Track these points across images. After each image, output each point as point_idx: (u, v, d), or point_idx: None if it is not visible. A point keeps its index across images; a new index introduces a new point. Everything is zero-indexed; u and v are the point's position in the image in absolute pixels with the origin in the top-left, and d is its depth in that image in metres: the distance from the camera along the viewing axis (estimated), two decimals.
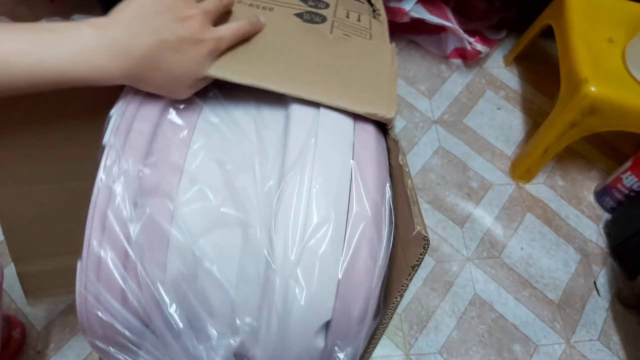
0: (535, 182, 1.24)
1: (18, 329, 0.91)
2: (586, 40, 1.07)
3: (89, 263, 0.37)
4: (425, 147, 1.25)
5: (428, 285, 1.07)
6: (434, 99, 1.34)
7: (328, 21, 0.54)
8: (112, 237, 0.37)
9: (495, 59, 1.44)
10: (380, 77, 0.47)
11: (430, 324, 1.02)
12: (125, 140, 0.39)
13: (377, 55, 0.49)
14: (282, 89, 0.42)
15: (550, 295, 1.09)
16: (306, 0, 0.56)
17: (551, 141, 1.11)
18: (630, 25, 1.10)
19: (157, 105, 0.42)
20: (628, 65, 1.04)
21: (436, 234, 1.13)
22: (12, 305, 0.95)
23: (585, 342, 1.05)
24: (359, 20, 0.57)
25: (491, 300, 1.07)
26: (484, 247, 1.13)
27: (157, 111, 0.41)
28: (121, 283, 0.37)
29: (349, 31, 0.53)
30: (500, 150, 1.28)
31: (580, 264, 1.14)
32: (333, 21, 0.54)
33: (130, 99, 0.42)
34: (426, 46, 1.42)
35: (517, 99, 1.37)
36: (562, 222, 1.19)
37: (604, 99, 1.00)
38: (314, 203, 0.38)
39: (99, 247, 0.37)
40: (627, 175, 1.13)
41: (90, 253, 0.37)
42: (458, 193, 1.20)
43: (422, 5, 1.24)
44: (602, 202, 1.22)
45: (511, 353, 1.01)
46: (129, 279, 0.38)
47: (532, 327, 1.05)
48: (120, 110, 0.41)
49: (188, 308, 0.39)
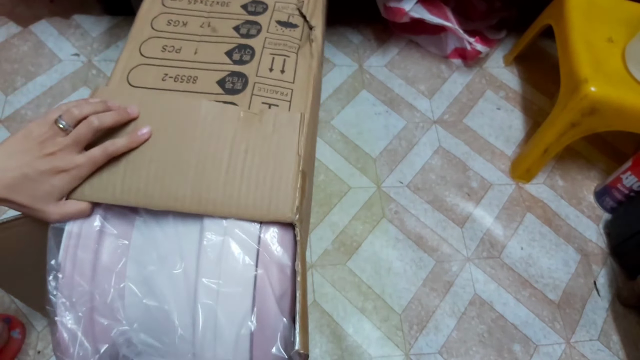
0: (535, 182, 1.24)
1: (18, 329, 0.91)
2: (586, 40, 1.07)
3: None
4: (425, 147, 1.25)
5: (428, 285, 1.07)
6: (434, 99, 1.34)
7: (249, 86, 0.57)
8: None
9: (495, 59, 1.44)
10: (284, 178, 0.49)
11: (430, 324, 1.02)
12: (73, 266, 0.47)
13: (285, 150, 0.51)
14: (178, 207, 0.47)
15: (550, 295, 1.09)
16: (235, 44, 0.60)
17: (551, 141, 1.11)
18: (630, 25, 1.10)
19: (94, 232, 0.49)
20: (628, 65, 1.04)
21: (436, 234, 1.13)
22: (12, 305, 0.95)
23: (585, 342, 1.05)
24: (283, 72, 0.59)
25: (491, 300, 1.07)
26: (484, 247, 1.13)
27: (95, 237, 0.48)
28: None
29: (269, 96, 0.56)
30: (500, 150, 1.28)
31: (580, 264, 1.14)
32: (255, 83, 0.57)
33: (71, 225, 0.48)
34: (426, 46, 1.42)
35: (517, 99, 1.37)
36: (562, 222, 1.19)
37: (604, 99, 1.00)
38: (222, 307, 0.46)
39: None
40: (627, 175, 1.13)
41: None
42: (458, 193, 1.20)
43: (422, 5, 1.24)
44: (602, 202, 1.22)
45: (511, 353, 1.01)
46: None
47: (532, 327, 1.05)
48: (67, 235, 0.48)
49: None
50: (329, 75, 1.34)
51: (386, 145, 1.24)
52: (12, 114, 1.16)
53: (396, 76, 1.36)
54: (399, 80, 1.36)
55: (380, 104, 1.30)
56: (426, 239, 1.12)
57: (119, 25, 1.34)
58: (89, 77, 1.24)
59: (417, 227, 1.14)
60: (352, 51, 1.39)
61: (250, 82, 0.57)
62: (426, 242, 1.12)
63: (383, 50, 1.40)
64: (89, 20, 1.33)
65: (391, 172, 1.20)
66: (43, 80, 1.22)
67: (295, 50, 0.62)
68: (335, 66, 1.35)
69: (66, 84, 1.22)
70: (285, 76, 0.59)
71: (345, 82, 1.33)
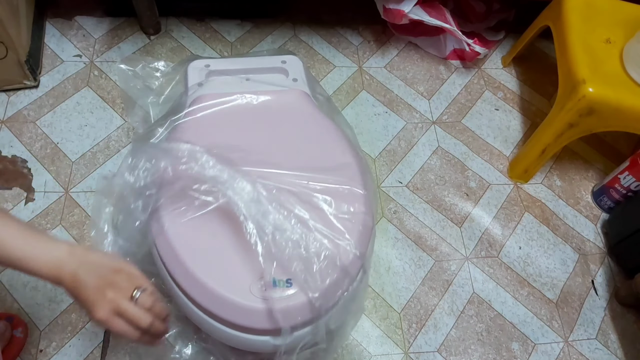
0: (533, 182, 1.25)
1: (20, 328, 0.91)
2: (584, 41, 1.08)
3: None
4: (424, 148, 1.26)
5: (427, 284, 1.07)
6: (433, 100, 1.35)
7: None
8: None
9: (493, 60, 1.45)
10: None
11: (429, 323, 1.03)
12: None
13: None
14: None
15: (548, 294, 1.10)
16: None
17: (549, 141, 1.12)
18: (628, 26, 1.10)
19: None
20: (626, 66, 1.04)
21: (435, 233, 1.14)
22: (15, 305, 0.95)
23: (583, 341, 1.05)
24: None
25: (489, 299, 1.08)
26: (482, 247, 1.14)
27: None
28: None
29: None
30: (498, 151, 1.28)
31: (578, 263, 1.15)
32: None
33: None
34: (425, 47, 1.43)
35: (515, 99, 1.38)
36: (560, 221, 1.20)
37: (602, 99, 1.01)
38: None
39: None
40: (625, 175, 1.14)
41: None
42: (457, 193, 1.20)
43: (421, 7, 1.25)
44: (600, 202, 1.23)
45: (509, 351, 1.02)
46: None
47: (530, 326, 1.06)
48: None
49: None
50: (329, 76, 1.35)
51: (385, 146, 1.25)
52: (15, 115, 1.17)
53: (395, 77, 1.37)
54: (398, 81, 1.36)
55: (380, 105, 1.31)
56: (425, 238, 1.13)
57: (120, 27, 1.35)
58: (91, 78, 1.25)
59: (416, 226, 1.14)
60: (351, 53, 1.40)
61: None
62: (425, 242, 1.13)
63: (382, 52, 1.41)
64: (91, 21, 1.34)
65: (390, 172, 1.21)
66: (45, 81, 1.23)
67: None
68: (335, 67, 1.36)
69: (68, 85, 1.23)
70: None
71: (345, 83, 1.34)
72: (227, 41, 1.37)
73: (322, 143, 0.79)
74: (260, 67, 0.92)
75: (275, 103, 0.83)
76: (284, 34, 1.40)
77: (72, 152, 1.14)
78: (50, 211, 1.06)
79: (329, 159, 0.77)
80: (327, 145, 0.79)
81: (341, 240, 0.66)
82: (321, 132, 0.81)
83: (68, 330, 0.94)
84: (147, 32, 1.34)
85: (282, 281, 0.63)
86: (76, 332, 0.94)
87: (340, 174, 0.74)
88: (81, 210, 1.07)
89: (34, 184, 1.09)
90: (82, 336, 0.94)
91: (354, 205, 0.70)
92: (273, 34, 1.40)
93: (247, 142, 0.77)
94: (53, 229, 1.04)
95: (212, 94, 0.83)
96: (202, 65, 0.90)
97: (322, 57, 1.38)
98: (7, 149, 1.13)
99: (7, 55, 1.10)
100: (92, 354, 0.92)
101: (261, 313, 0.63)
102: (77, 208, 1.07)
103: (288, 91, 0.86)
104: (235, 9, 1.40)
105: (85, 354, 0.92)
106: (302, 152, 0.77)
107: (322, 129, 0.82)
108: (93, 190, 1.09)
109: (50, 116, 1.18)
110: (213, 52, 1.34)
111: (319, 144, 0.79)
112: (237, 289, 0.63)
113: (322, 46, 1.40)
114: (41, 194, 1.08)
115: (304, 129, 0.81)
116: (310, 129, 0.82)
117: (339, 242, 0.66)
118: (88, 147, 1.15)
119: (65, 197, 1.08)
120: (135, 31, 1.34)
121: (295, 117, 0.83)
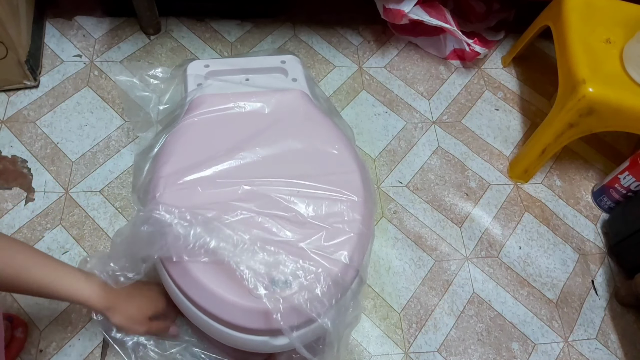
0: (533, 182, 1.25)
1: (20, 328, 0.91)
2: (584, 41, 1.08)
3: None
4: (424, 148, 1.26)
5: (427, 284, 1.07)
6: (433, 100, 1.35)
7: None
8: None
9: (493, 60, 1.45)
10: None
11: (429, 323, 1.03)
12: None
13: None
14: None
15: (548, 294, 1.10)
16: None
17: (549, 141, 1.12)
18: (628, 26, 1.10)
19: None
20: (626, 66, 1.05)
21: (435, 233, 1.14)
22: (15, 304, 0.95)
23: (583, 341, 1.05)
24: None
25: (489, 299, 1.08)
26: (482, 247, 1.14)
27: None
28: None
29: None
30: (498, 151, 1.28)
31: (578, 263, 1.15)
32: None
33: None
34: (425, 47, 1.43)
35: (515, 99, 1.38)
36: (560, 221, 1.20)
37: (602, 99, 1.01)
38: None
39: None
40: (625, 175, 1.14)
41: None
42: (457, 193, 1.20)
43: (421, 7, 1.25)
44: (600, 202, 1.23)
45: (509, 351, 1.02)
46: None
47: (530, 326, 1.06)
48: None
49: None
50: (329, 76, 1.35)
51: (385, 146, 1.25)
52: (15, 114, 1.17)
53: (395, 77, 1.37)
54: (398, 81, 1.36)
55: (380, 105, 1.31)
56: (425, 238, 1.13)
57: (120, 27, 1.35)
58: (91, 78, 1.25)
59: (416, 226, 1.14)
60: (351, 53, 1.40)
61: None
62: (425, 242, 1.13)
63: (382, 52, 1.41)
64: (91, 21, 1.34)
65: (390, 172, 1.21)
66: (45, 81, 1.23)
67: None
68: (335, 67, 1.36)
69: (68, 85, 1.23)
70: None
71: (345, 83, 1.34)
72: (227, 41, 1.37)
73: (322, 143, 0.79)
74: (259, 67, 0.92)
75: (274, 103, 0.83)
76: (284, 34, 1.40)
77: (72, 152, 1.14)
78: (50, 211, 1.06)
79: (328, 160, 0.77)
80: (326, 145, 0.79)
81: (335, 254, 0.67)
82: (321, 132, 0.81)
83: (68, 330, 0.94)
84: (147, 32, 1.34)
85: (282, 281, 0.63)
86: (76, 332, 0.94)
87: (338, 177, 0.74)
88: (81, 210, 1.07)
89: (34, 184, 1.09)
90: (82, 336, 0.94)
91: (348, 214, 0.71)
92: (273, 34, 1.40)
93: (246, 142, 0.77)
94: (53, 229, 1.04)
95: (212, 95, 0.83)
96: (202, 66, 0.90)
97: (322, 57, 1.38)
98: (7, 149, 1.13)
99: (7, 55, 1.10)
100: (92, 354, 0.92)
101: (261, 313, 0.63)
102: (77, 208, 1.07)
103: (288, 91, 0.86)
104: (235, 9, 1.40)
105: (85, 354, 0.92)
106: (301, 153, 0.77)
107: (322, 129, 0.82)
108: (93, 190, 1.10)
109: (50, 116, 1.18)
110: (213, 52, 1.34)
111: (319, 144, 0.79)
112: (236, 289, 0.63)
113: (322, 46, 1.40)
114: (41, 194, 1.08)
115: (303, 129, 0.81)
116: (310, 129, 0.82)
117: (334, 257, 0.66)
118: (88, 147, 1.15)
119: (65, 197, 1.08)
120: (135, 31, 1.35)
121: (295, 117, 0.83)
